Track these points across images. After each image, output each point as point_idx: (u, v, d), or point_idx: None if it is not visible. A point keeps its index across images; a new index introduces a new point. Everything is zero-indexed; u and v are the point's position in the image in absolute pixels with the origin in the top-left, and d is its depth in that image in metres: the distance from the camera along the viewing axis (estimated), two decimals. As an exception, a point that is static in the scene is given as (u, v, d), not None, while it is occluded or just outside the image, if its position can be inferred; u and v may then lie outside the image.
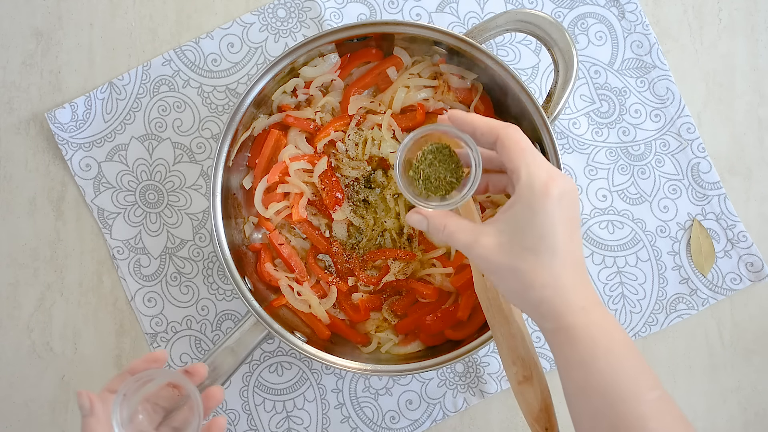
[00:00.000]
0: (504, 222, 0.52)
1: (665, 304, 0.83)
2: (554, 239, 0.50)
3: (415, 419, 0.82)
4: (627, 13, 0.85)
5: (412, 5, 0.85)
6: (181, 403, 0.60)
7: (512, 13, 0.70)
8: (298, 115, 0.79)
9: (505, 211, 0.52)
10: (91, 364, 0.82)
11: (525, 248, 0.50)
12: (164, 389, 0.60)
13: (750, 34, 0.86)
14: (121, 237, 0.83)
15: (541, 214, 0.50)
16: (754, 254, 0.83)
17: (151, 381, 0.57)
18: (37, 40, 0.85)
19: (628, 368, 0.49)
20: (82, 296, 0.83)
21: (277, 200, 0.79)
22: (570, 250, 0.51)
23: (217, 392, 0.62)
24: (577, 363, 0.50)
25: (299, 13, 0.84)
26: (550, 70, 0.85)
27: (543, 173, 0.51)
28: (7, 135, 0.84)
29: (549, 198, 0.50)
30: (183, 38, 0.85)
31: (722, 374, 0.83)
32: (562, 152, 0.84)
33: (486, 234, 0.52)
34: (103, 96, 0.83)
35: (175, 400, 0.60)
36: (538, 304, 0.51)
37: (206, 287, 0.83)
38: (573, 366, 0.51)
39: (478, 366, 0.82)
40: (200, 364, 0.63)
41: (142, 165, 0.83)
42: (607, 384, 0.49)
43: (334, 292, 0.79)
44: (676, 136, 0.84)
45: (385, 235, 0.80)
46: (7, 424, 0.82)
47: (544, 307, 0.51)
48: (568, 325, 0.50)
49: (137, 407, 0.57)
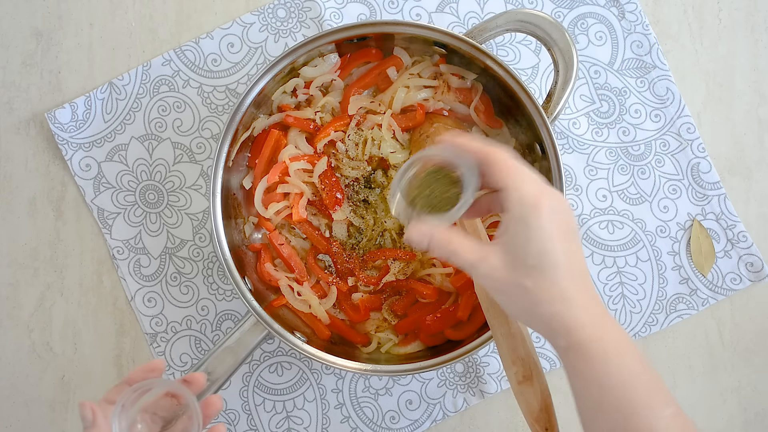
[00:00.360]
0: (505, 241, 0.52)
1: (665, 304, 0.83)
2: (555, 253, 0.50)
3: (415, 419, 0.82)
4: (627, 13, 0.85)
5: (412, 5, 0.85)
6: (180, 412, 0.60)
7: (512, 13, 0.70)
8: (298, 115, 0.79)
9: (502, 230, 0.52)
10: (91, 364, 0.82)
11: (528, 265, 0.50)
12: (163, 399, 0.59)
13: (750, 34, 0.86)
14: (121, 237, 0.83)
15: (537, 229, 0.50)
16: (754, 254, 0.83)
17: (149, 391, 0.56)
18: (37, 40, 0.85)
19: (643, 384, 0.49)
20: (82, 296, 0.83)
21: (277, 200, 0.79)
22: (572, 262, 0.51)
23: (216, 400, 0.62)
24: (591, 379, 0.50)
25: (299, 13, 0.84)
26: (550, 70, 0.85)
27: (533, 187, 0.51)
28: (7, 135, 0.84)
29: (542, 212, 0.50)
30: (183, 38, 0.85)
31: (722, 374, 0.83)
32: (562, 152, 0.84)
33: (492, 253, 0.52)
34: (103, 96, 0.83)
35: (174, 410, 0.60)
36: (549, 320, 0.51)
37: (206, 287, 0.83)
38: (588, 382, 0.50)
39: (478, 366, 0.82)
40: (198, 373, 0.62)
41: (142, 165, 0.83)
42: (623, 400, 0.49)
43: (334, 292, 0.79)
44: (676, 136, 0.84)
45: (385, 235, 0.80)
46: (7, 424, 0.82)
47: (554, 323, 0.50)
48: (581, 341, 0.50)
49: (136, 417, 0.57)
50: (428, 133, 0.78)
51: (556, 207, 0.50)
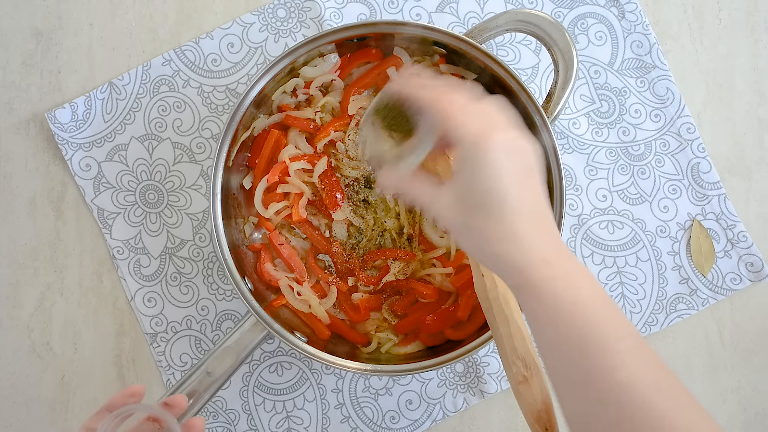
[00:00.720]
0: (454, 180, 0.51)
1: (665, 304, 0.83)
2: (503, 191, 0.49)
3: (415, 419, 0.82)
4: (627, 13, 0.85)
5: (412, 5, 0.85)
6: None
7: (512, 13, 0.70)
8: (298, 115, 0.79)
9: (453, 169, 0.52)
10: (91, 364, 0.82)
11: (475, 204, 0.50)
12: (144, 423, 0.59)
13: (750, 34, 0.86)
14: (121, 237, 0.83)
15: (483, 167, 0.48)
16: (754, 254, 0.83)
17: (130, 416, 0.56)
18: (37, 40, 0.85)
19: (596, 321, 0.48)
20: (82, 296, 0.83)
21: (277, 200, 0.79)
22: (525, 199, 0.49)
23: (198, 422, 0.61)
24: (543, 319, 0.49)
25: (299, 13, 0.84)
26: (550, 70, 0.85)
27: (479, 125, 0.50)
28: (7, 135, 0.84)
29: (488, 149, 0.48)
30: (183, 38, 0.85)
31: (722, 374, 0.83)
32: (562, 152, 0.84)
33: (444, 193, 0.52)
34: (103, 96, 0.83)
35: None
36: (497, 260, 0.50)
37: (206, 287, 0.83)
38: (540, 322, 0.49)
39: (478, 366, 0.82)
40: (179, 395, 0.62)
41: (142, 165, 0.83)
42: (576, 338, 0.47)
43: (334, 292, 0.79)
44: (676, 136, 0.84)
45: (385, 235, 0.80)
46: (7, 424, 0.82)
47: (502, 262, 0.50)
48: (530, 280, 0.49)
49: None
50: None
51: (508, 144, 0.49)
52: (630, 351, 0.47)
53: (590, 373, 0.47)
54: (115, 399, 0.58)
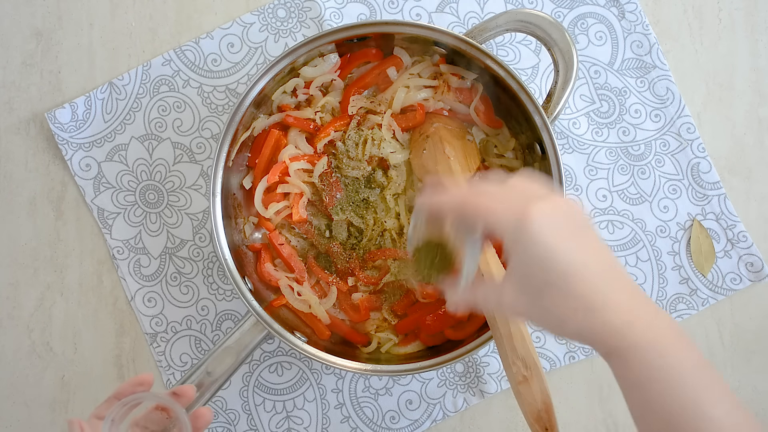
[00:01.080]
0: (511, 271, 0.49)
1: (665, 304, 0.83)
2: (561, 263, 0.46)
3: (415, 419, 0.82)
4: (627, 13, 0.85)
5: (412, 5, 0.85)
6: (170, 425, 0.59)
7: (512, 13, 0.70)
8: (298, 115, 0.79)
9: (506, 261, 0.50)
10: (91, 364, 0.82)
11: (540, 286, 0.47)
12: (152, 412, 0.59)
13: (750, 34, 0.86)
14: (121, 237, 0.83)
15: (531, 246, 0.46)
16: (754, 254, 0.83)
17: (138, 405, 0.56)
18: (37, 40, 0.85)
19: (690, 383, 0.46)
20: (82, 296, 0.83)
21: (277, 200, 0.79)
22: (587, 262, 0.47)
23: (205, 412, 0.61)
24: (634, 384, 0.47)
25: (299, 13, 0.84)
26: (550, 70, 0.85)
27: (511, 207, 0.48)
28: (7, 135, 0.84)
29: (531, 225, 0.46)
30: (183, 38, 0.85)
31: (722, 374, 0.83)
32: (562, 152, 0.84)
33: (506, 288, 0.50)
34: (103, 96, 0.83)
35: (164, 423, 0.60)
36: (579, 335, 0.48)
37: (206, 287, 0.83)
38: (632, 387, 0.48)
39: (478, 366, 0.82)
40: (188, 385, 0.62)
41: (142, 165, 0.83)
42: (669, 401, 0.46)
43: (334, 292, 0.79)
44: (676, 136, 0.84)
45: (385, 235, 0.80)
46: (7, 424, 0.82)
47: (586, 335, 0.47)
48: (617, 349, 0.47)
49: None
50: (428, 132, 0.78)
51: (547, 212, 0.47)
52: (727, 415, 0.46)
53: None
54: (123, 387, 0.58)
